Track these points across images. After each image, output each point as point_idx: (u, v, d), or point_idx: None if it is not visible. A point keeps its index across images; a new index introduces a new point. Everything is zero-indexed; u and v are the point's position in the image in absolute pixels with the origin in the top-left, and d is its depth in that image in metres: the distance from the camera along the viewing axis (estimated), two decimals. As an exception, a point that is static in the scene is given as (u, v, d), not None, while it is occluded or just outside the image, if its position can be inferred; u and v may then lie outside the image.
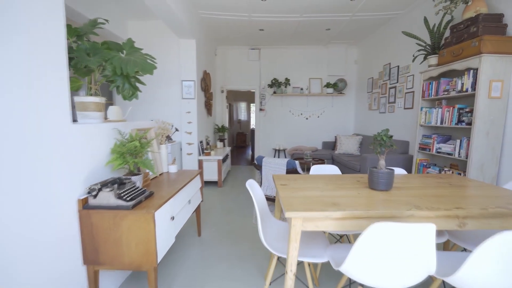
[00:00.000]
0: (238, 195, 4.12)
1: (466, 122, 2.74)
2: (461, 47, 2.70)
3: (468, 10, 2.69)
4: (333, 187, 1.67)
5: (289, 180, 1.84)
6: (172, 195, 1.70)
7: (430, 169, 3.28)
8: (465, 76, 2.73)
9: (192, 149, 4.41)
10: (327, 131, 6.66)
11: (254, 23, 4.68)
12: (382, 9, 4.09)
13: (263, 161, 3.12)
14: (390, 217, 1.24)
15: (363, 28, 5.02)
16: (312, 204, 1.32)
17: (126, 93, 1.58)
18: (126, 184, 1.62)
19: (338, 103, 6.58)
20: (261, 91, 6.55)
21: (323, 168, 2.24)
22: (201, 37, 4.62)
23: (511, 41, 2.50)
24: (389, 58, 4.82)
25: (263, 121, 6.65)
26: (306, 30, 5.10)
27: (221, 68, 6.46)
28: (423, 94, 3.37)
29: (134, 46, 1.64)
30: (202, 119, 4.82)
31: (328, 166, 2.26)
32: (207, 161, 4.52)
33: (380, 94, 5.17)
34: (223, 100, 6.60)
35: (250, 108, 12.18)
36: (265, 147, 6.71)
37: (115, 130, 1.76)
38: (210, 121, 5.74)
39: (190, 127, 4.35)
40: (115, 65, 1.47)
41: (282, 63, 6.45)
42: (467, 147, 2.70)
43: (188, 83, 4.24)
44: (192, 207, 2.26)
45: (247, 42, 5.96)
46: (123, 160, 1.64)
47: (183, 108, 4.31)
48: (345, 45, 6.23)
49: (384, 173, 1.56)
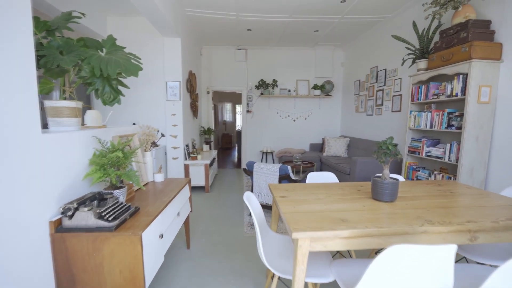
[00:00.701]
0: (226, 201, 3.96)
1: (456, 126, 2.77)
2: (451, 52, 2.72)
3: (458, 16, 2.72)
4: (336, 198, 1.57)
5: (288, 191, 1.72)
6: (160, 211, 1.53)
7: (420, 172, 3.30)
8: (455, 80, 2.75)
9: (178, 153, 4.19)
10: (314, 133, 6.65)
11: (242, 22, 4.54)
12: (370, 12, 4.10)
13: (254, 166, 2.99)
14: (403, 233, 1.16)
15: (350, 31, 5.03)
16: (319, 221, 1.21)
17: (106, 97, 1.39)
18: (107, 200, 1.43)
19: (325, 105, 6.59)
20: (248, 93, 6.42)
21: (320, 176, 2.15)
22: (187, 36, 4.41)
23: (498, 47, 2.55)
24: (376, 61, 4.86)
25: (250, 123, 6.53)
26: (294, 31, 5.03)
27: (206, 69, 6.26)
28: (412, 98, 3.39)
29: (116, 44, 1.46)
30: (187, 121, 4.61)
31: (324, 173, 2.17)
32: (194, 165, 4.32)
33: (367, 96, 5.21)
34: (209, 101, 6.40)
35: (235, 109, 12.01)
36: (252, 150, 6.59)
37: (93, 139, 1.56)
38: (195, 124, 5.53)
39: (175, 130, 4.14)
40: (93, 65, 1.29)
41: (269, 64, 6.36)
42: (458, 151, 2.72)
43: (173, 84, 4.03)
44: (181, 220, 2.08)
45: (233, 42, 5.81)
46: (104, 173, 1.45)
47: (168, 110, 4.09)
48: (332, 47, 6.24)
49: (389, 183, 1.48)
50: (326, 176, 2.16)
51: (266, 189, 2.94)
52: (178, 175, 4.23)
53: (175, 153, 4.18)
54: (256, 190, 3.03)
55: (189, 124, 4.76)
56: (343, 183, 1.94)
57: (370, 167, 4.02)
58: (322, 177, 2.15)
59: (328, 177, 2.16)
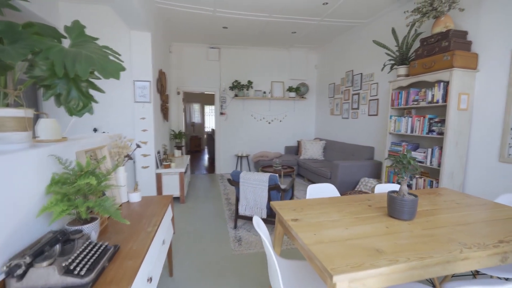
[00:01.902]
0: (205, 212, 3.63)
1: (437, 132, 2.85)
2: (433, 59, 2.79)
3: (438, 25, 2.80)
4: (352, 219, 1.41)
5: (296, 211, 1.52)
6: (147, 248, 1.21)
7: (400, 176, 3.37)
8: (436, 87, 2.83)
9: (148, 161, 3.74)
10: (289, 135, 6.60)
11: (218, 19, 4.24)
12: (349, 16, 4.12)
13: (240, 177, 2.74)
14: (445, 262, 1.03)
15: (326, 34, 5.05)
16: (354, 255, 1.02)
17: (73, 105, 1.03)
18: (75, 241, 1.07)
19: (300, 108, 6.58)
20: (221, 94, 6.11)
21: (320, 189, 1.99)
22: (157, 31, 3.97)
23: (475, 57, 2.67)
24: (351, 65, 4.94)
25: (224, 125, 6.22)
26: (272, 32, 4.87)
27: (176, 67, 5.79)
28: (392, 103, 3.45)
29: (85, 33, 1.10)
30: (159, 125, 4.16)
31: (323, 186, 2.02)
32: (167, 174, 3.90)
33: (342, 100, 5.28)
34: (179, 102, 5.94)
35: (204, 109, 11.53)
36: (227, 154, 6.30)
37: (51, 158, 1.18)
38: (166, 127, 5.06)
39: (145, 136, 3.68)
40: (54, 61, 0.93)
41: (243, 64, 6.13)
42: (439, 156, 2.81)
43: (142, 83, 3.57)
44: (166, 248, 1.75)
45: (206, 40, 5.46)
46: (69, 205, 1.09)
47: (137, 113, 3.62)
48: (306, 50, 6.24)
49: (409, 201, 1.37)
50: (326, 188, 2.01)
51: (254, 201, 2.71)
52: (149, 186, 3.77)
53: (145, 161, 3.72)
54: (242, 203, 2.78)
55: (160, 128, 4.31)
56: (348, 197, 1.80)
57: (352, 171, 4.04)
58: (323, 190, 2.00)
59: (328, 190, 2.01)
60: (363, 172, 4.09)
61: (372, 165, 4.11)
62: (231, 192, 4.55)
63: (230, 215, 3.47)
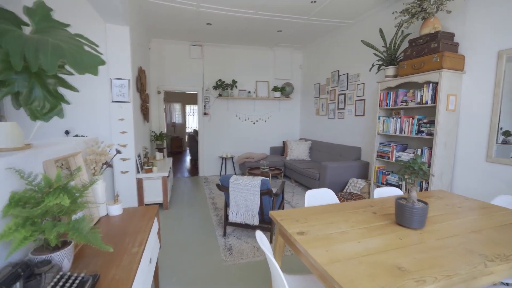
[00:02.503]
0: (191, 219, 3.42)
1: (426, 132, 2.87)
2: (422, 60, 2.80)
3: (426, 27, 2.82)
4: (361, 230, 1.31)
5: (300, 222, 1.39)
6: (133, 276, 1.02)
7: (390, 176, 3.39)
8: (425, 88, 2.85)
9: (128, 165, 3.45)
10: (275, 136, 6.51)
11: (202, 14, 4.03)
12: (336, 16, 4.08)
13: (230, 182, 2.57)
14: (472, 278, 0.95)
15: (312, 33, 5.00)
16: (376, 276, 0.91)
17: (37, 106, 0.82)
18: (42, 276, 0.86)
19: (285, 108, 6.51)
20: (204, 94, 5.88)
21: (319, 195, 1.89)
22: (135, 25, 3.68)
23: (462, 59, 2.71)
24: (337, 66, 4.93)
25: (208, 126, 6.00)
26: (257, 29, 4.74)
27: (156, 65, 5.48)
28: (381, 104, 3.45)
29: (52, 17, 0.89)
30: (139, 127, 3.87)
31: (321, 191, 1.92)
32: (149, 179, 3.63)
33: (328, 100, 5.27)
34: (160, 102, 5.63)
35: (185, 109, 11.16)
36: (211, 156, 6.07)
37: (10, 172, 0.95)
38: (146, 128, 4.76)
39: (124, 138, 3.39)
40: (9, 51, 0.72)
41: (227, 63, 5.94)
42: (429, 156, 2.82)
43: (120, 82, 3.28)
44: (152, 267, 1.55)
45: (188, 36, 5.21)
46: (33, 230, 0.88)
47: (114, 114, 3.32)
48: (290, 49, 6.18)
49: (420, 209, 1.29)
50: (325, 194, 1.91)
51: (245, 208, 2.56)
52: (129, 192, 3.49)
53: (124, 165, 3.43)
54: (233, 209, 2.62)
55: (140, 130, 4.02)
56: (350, 204, 1.71)
57: (340, 172, 4.01)
58: (322, 196, 1.89)
59: (326, 195, 1.91)
60: (351, 172, 4.08)
61: (359, 165, 4.11)
62: (217, 196, 4.36)
63: (218, 221, 3.29)
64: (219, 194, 4.47)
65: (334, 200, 1.91)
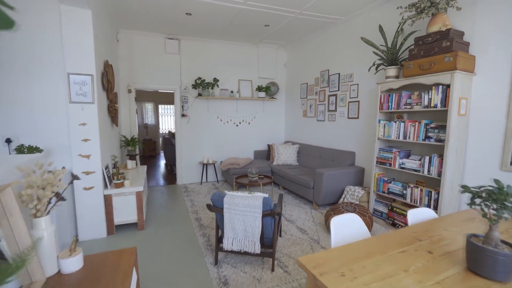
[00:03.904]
0: (172, 241, 2.89)
1: (435, 138, 2.66)
2: (432, 60, 2.58)
3: (435, 24, 2.60)
4: (434, 284, 0.96)
5: (345, 277, 1.00)
6: None
7: (392, 184, 3.16)
8: (433, 91, 2.64)
9: (93, 180, 2.83)
10: (259, 139, 6.12)
11: (181, 3, 3.49)
12: (328, 11, 3.79)
13: (225, 201, 2.12)
14: None
15: (301, 29, 4.68)
16: None
17: None
18: None
19: (269, 109, 6.14)
20: (182, 93, 5.29)
21: (346, 223, 1.52)
22: (99, 10, 3.05)
23: (473, 59, 2.54)
24: (327, 65, 4.67)
25: (186, 129, 5.42)
26: (242, 23, 4.30)
27: (126, 60, 4.79)
28: (381, 106, 3.22)
29: None
30: (106, 132, 3.24)
31: (346, 217, 1.56)
32: (120, 195, 3.03)
33: (317, 101, 5.00)
34: (131, 102, 4.95)
35: (158, 109, 10.34)
36: (190, 161, 5.51)
37: None
38: (115, 133, 4.09)
39: (87, 148, 2.76)
40: None
41: (207, 60, 5.41)
42: (439, 164, 2.62)
43: (81, 78, 2.65)
44: None
45: (163, 28, 4.60)
46: None
47: (74, 117, 2.68)
48: (275, 46, 5.82)
49: (508, 256, 0.97)
50: (351, 220, 1.56)
51: (243, 233, 2.12)
52: (94, 212, 2.86)
53: (88, 180, 2.80)
54: (228, 234, 2.16)
55: (107, 136, 3.38)
56: (390, 237, 1.36)
57: (336, 180, 3.73)
58: (349, 225, 1.53)
59: (354, 223, 1.56)
60: (347, 179, 3.82)
61: (355, 172, 3.87)
62: (201, 210, 3.85)
63: (206, 243, 2.81)
64: (203, 207, 3.96)
65: (363, 229, 1.56)
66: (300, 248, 2.69)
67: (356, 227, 1.56)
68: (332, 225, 1.46)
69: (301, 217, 3.55)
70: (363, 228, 1.57)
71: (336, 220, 1.49)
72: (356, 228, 1.55)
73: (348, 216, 1.56)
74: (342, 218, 1.53)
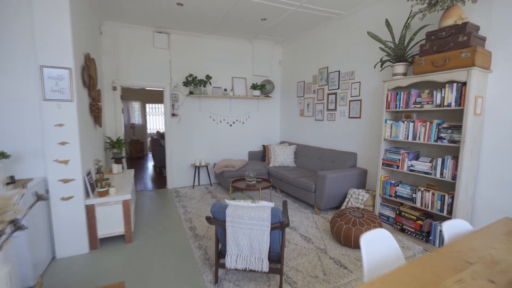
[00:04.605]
0: (164, 255, 2.59)
1: (448, 139, 2.49)
2: (446, 56, 2.41)
3: (449, 17, 2.43)
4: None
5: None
6: None
7: (399, 187, 2.99)
8: (447, 89, 2.47)
9: (72, 189, 2.48)
10: (253, 139, 5.86)
11: (172, -9, 3.18)
12: (331, 4, 3.57)
13: (227, 214, 1.86)
14: None
15: (299, 25, 4.46)
16: None
17: None
18: None
19: (264, 108, 5.89)
20: (172, 91, 4.96)
21: (379, 242, 1.30)
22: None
23: (489, 55, 2.39)
24: (326, 62, 4.47)
25: (177, 129, 5.09)
26: (238, 16, 4.02)
27: (111, 55, 4.40)
28: (388, 105, 3.04)
29: None
30: (87, 134, 2.89)
31: (376, 232, 1.34)
32: (104, 205, 2.70)
33: (315, 99, 4.80)
34: (116, 101, 4.56)
35: (145, 108, 9.87)
36: (181, 164, 5.18)
37: None
38: (99, 135, 3.72)
39: (65, 152, 2.42)
40: None
41: (199, 56, 5.10)
42: (454, 167, 2.45)
43: (57, 72, 2.31)
44: None
45: (152, 20, 4.26)
46: None
47: (49, 117, 2.33)
48: (271, 43, 5.57)
49: None
50: (380, 237, 1.33)
51: (249, 249, 1.87)
52: (75, 225, 2.52)
53: (66, 190, 2.45)
54: (232, 250, 1.90)
55: (89, 138, 3.03)
56: (432, 257, 1.15)
57: (339, 182, 3.53)
58: (378, 242, 1.31)
59: (384, 240, 1.34)
60: (350, 182, 3.63)
61: (358, 174, 3.69)
62: (195, 218, 3.56)
63: (202, 257, 2.53)
64: (197, 214, 3.67)
65: (393, 246, 1.34)
66: (307, 260, 2.46)
67: (386, 245, 1.34)
68: (363, 245, 1.23)
69: (304, 223, 3.33)
70: (393, 245, 1.35)
71: (365, 240, 1.26)
72: (386, 246, 1.33)
73: (376, 232, 1.33)
74: (371, 235, 1.30)
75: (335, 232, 2.77)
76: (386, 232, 1.36)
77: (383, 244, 1.32)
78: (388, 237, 1.35)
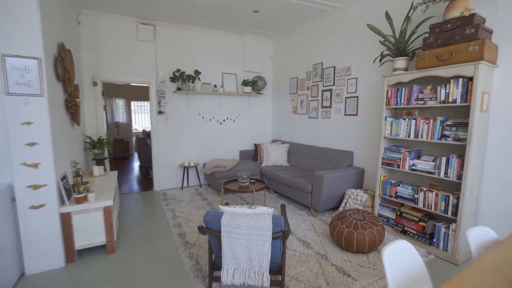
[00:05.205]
0: (151, 267, 2.35)
1: (453, 137, 2.38)
2: (452, 50, 2.28)
3: (455, 8, 2.30)
4: None
5: None
6: None
7: (400, 187, 2.87)
8: (452, 84, 2.35)
9: (44, 196, 2.19)
10: (244, 138, 5.65)
11: (157, -24, 2.91)
12: (327, -4, 3.41)
13: (222, 223, 1.64)
14: None
15: (292, 18, 4.27)
16: None
17: None
18: None
19: (255, 105, 5.68)
20: (159, 87, 4.66)
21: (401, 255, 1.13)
22: (50, -24, 2.39)
23: (495, 49, 2.28)
24: (320, 57, 4.31)
25: (164, 128, 4.80)
26: (229, 6, 3.79)
27: (90, 47, 4.06)
28: (388, 102, 2.91)
29: None
30: (62, 133, 2.58)
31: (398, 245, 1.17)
32: (82, 213, 2.41)
33: (309, 96, 4.64)
34: (98, 97, 4.22)
35: (130, 106, 9.43)
36: (169, 164, 4.90)
37: None
38: (77, 134, 3.39)
39: (34, 154, 2.12)
40: None
41: (187, 50, 4.81)
42: (459, 166, 2.34)
43: (24, 62, 2.00)
44: None
45: (135, 10, 3.95)
46: None
47: (14, 115, 2.03)
48: (262, 37, 5.36)
49: None
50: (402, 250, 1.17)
51: (248, 262, 1.66)
52: (47, 236, 2.23)
53: (36, 197, 2.16)
54: (228, 264, 1.69)
55: (65, 138, 2.72)
56: (468, 275, 0.99)
57: (337, 183, 3.39)
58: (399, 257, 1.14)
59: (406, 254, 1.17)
60: (347, 182, 3.50)
61: (355, 173, 3.56)
62: (185, 222, 3.31)
63: (194, 268, 2.30)
64: (187, 219, 3.42)
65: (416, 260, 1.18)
66: (308, 268, 2.28)
67: (409, 258, 1.17)
68: (386, 260, 1.06)
69: (300, 226, 3.16)
70: (416, 259, 1.18)
71: (387, 254, 1.09)
72: (409, 260, 1.16)
73: (398, 245, 1.16)
74: (393, 248, 1.13)
75: (335, 236, 2.61)
76: (408, 245, 1.19)
77: (407, 259, 1.15)
78: (410, 250, 1.18)
